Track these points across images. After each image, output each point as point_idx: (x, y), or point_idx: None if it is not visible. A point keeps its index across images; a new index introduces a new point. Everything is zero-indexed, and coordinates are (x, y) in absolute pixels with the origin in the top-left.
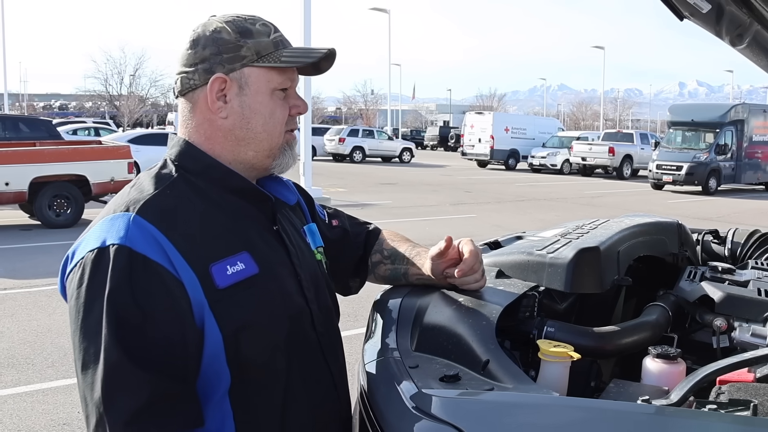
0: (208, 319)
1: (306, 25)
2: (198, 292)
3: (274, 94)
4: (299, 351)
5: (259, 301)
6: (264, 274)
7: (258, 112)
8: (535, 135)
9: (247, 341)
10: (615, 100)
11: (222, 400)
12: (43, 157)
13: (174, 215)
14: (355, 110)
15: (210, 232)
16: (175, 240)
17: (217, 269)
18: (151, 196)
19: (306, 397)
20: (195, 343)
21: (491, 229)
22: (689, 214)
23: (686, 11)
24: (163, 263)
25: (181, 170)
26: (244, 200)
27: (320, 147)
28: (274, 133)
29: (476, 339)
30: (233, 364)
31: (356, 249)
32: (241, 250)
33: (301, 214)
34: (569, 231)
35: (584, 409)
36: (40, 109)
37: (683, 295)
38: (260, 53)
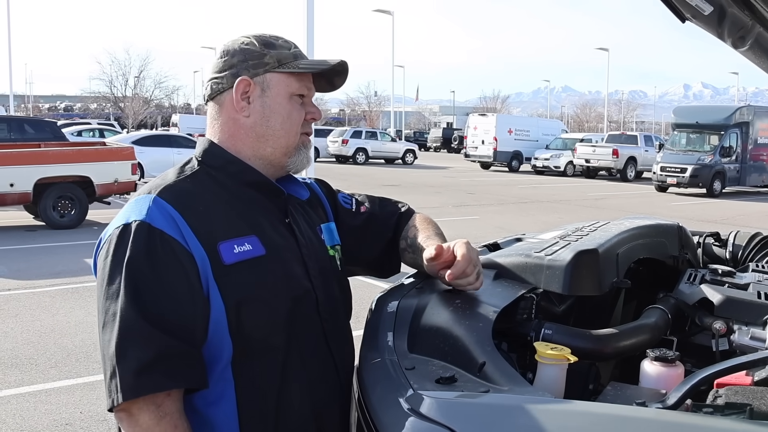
0: (213, 290)
1: (309, 27)
2: (206, 264)
3: (292, 98)
4: (300, 330)
5: (261, 279)
6: (270, 256)
7: (277, 112)
8: (538, 137)
9: (248, 314)
10: (619, 102)
11: (225, 369)
12: (48, 158)
13: (190, 198)
14: (359, 112)
15: (222, 215)
16: (189, 219)
17: (225, 247)
18: (172, 182)
19: (305, 376)
20: (202, 309)
21: (494, 230)
22: (693, 216)
23: (688, 13)
24: (177, 238)
25: (203, 165)
26: (259, 193)
27: (323, 148)
28: (291, 132)
29: (473, 341)
30: (235, 335)
31: (385, 231)
32: (250, 233)
33: (321, 213)
34: (568, 233)
35: (579, 412)
36: (46, 111)
37: (683, 297)
38: (281, 61)
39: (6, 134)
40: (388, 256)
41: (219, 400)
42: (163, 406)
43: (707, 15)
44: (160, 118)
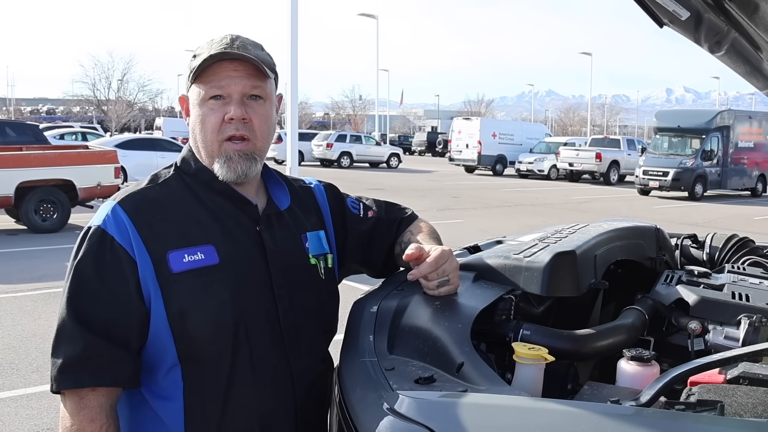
0: (156, 298)
1: (293, 31)
2: (150, 273)
3: (206, 104)
4: (251, 340)
5: (209, 287)
6: (223, 266)
7: (196, 122)
8: (522, 141)
9: (192, 321)
10: (602, 106)
11: (172, 371)
12: (30, 161)
13: (150, 206)
14: (343, 115)
15: (181, 223)
16: (141, 227)
17: (174, 256)
18: (139, 189)
19: (253, 385)
20: (139, 316)
21: (477, 234)
22: (675, 219)
23: (666, 18)
24: (125, 246)
25: (179, 171)
26: (228, 201)
27: (308, 152)
28: (207, 140)
29: (451, 341)
30: (179, 339)
31: (388, 236)
32: (206, 242)
33: (314, 220)
34: (548, 235)
35: (554, 410)
36: (28, 114)
37: (659, 298)
38: (194, 70)
39: None
40: (388, 260)
41: (168, 398)
42: (86, 399)
43: (684, 20)
44: (143, 121)
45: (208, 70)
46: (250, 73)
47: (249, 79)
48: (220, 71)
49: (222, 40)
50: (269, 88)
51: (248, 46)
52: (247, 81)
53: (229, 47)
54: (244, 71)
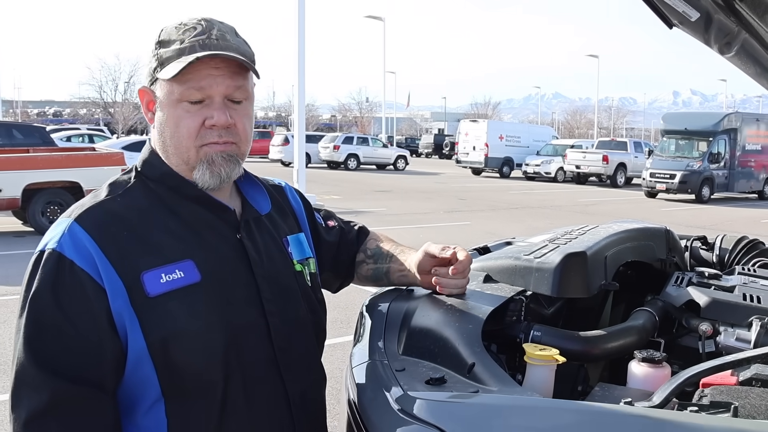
0: (132, 327)
1: (300, 33)
2: (122, 300)
3: (180, 106)
4: (244, 363)
5: (193, 310)
6: (207, 283)
7: (166, 125)
8: (529, 143)
9: (178, 349)
10: (609, 109)
11: (154, 407)
12: (37, 163)
13: (114, 221)
14: (350, 118)
15: (152, 238)
16: (106, 248)
17: (149, 277)
18: (98, 202)
19: (247, 416)
20: (113, 351)
21: (485, 236)
22: (682, 222)
23: (675, 19)
24: (89, 270)
25: (142, 176)
26: (203, 208)
27: (315, 154)
28: (181, 146)
29: (462, 342)
30: (163, 371)
31: (352, 246)
32: (183, 258)
33: (292, 222)
34: (557, 236)
35: (566, 411)
36: (34, 116)
37: (670, 300)
38: (163, 64)
39: None
40: (348, 272)
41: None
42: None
43: (694, 21)
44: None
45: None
46: (233, 71)
47: (232, 78)
48: (199, 69)
49: (195, 28)
50: (251, 86)
51: (227, 36)
52: (230, 81)
53: (207, 39)
54: (226, 69)
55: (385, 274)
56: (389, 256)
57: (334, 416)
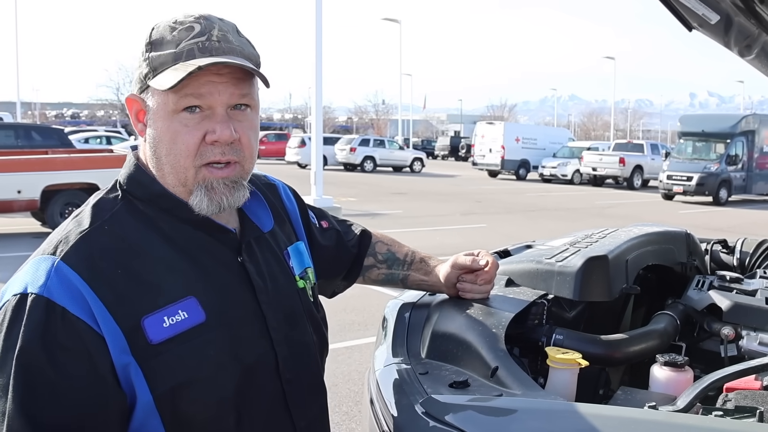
0: (137, 380)
1: (318, 36)
2: (123, 350)
3: (177, 116)
4: (254, 404)
5: (202, 354)
6: (212, 322)
7: (160, 138)
8: (545, 145)
9: (187, 398)
10: (625, 111)
11: None
12: (55, 165)
13: (104, 257)
14: (366, 120)
15: (148, 276)
16: (101, 291)
17: (151, 322)
18: (84, 234)
19: None
20: (118, 408)
21: (501, 238)
22: (700, 224)
23: (695, 22)
24: (84, 318)
25: (129, 196)
26: (200, 231)
27: (331, 156)
28: (178, 165)
29: (485, 346)
30: (172, 424)
31: (351, 249)
32: (185, 295)
33: (289, 230)
34: (578, 240)
35: (591, 415)
36: (52, 118)
37: (691, 303)
38: (156, 70)
39: (13, 141)
40: (348, 275)
41: None
42: None
43: (714, 24)
44: None
45: None
46: (237, 77)
47: (236, 86)
48: (198, 75)
49: (194, 28)
50: (256, 94)
51: (229, 36)
52: (234, 89)
53: (206, 41)
54: (230, 75)
55: (402, 281)
56: (406, 263)
57: (352, 418)
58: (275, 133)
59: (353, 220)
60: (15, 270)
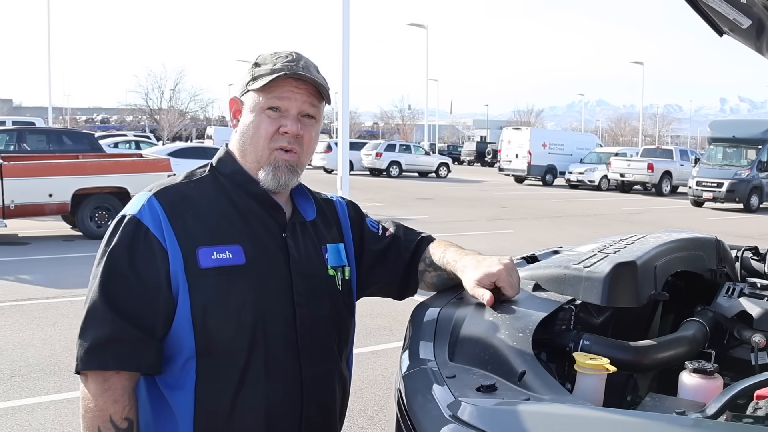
0: (183, 290)
1: (345, 41)
2: (179, 266)
3: (264, 112)
4: (267, 341)
5: (232, 286)
6: (249, 267)
7: (248, 127)
8: (572, 151)
9: (213, 317)
10: (654, 116)
11: (189, 361)
12: (86, 169)
13: (185, 202)
14: (392, 125)
15: (213, 222)
16: (174, 221)
17: (204, 252)
18: (174, 184)
19: (263, 385)
20: (166, 305)
21: (528, 244)
22: (730, 231)
23: (726, 27)
24: (159, 237)
25: (215, 171)
26: (260, 205)
27: (357, 161)
28: (258, 146)
29: (513, 350)
30: (199, 333)
31: (405, 253)
32: (235, 242)
33: (335, 233)
34: (606, 245)
35: (619, 421)
36: (83, 123)
37: (721, 310)
38: (256, 78)
39: (45, 146)
40: (406, 278)
41: (180, 388)
42: (110, 381)
43: (745, 29)
44: (195, 130)
45: (271, 82)
46: (310, 92)
47: (308, 98)
48: (283, 85)
49: (287, 56)
50: (321, 111)
51: (311, 68)
52: (306, 99)
53: (295, 66)
54: (305, 90)
55: (450, 281)
56: (442, 267)
57: (377, 422)
58: None
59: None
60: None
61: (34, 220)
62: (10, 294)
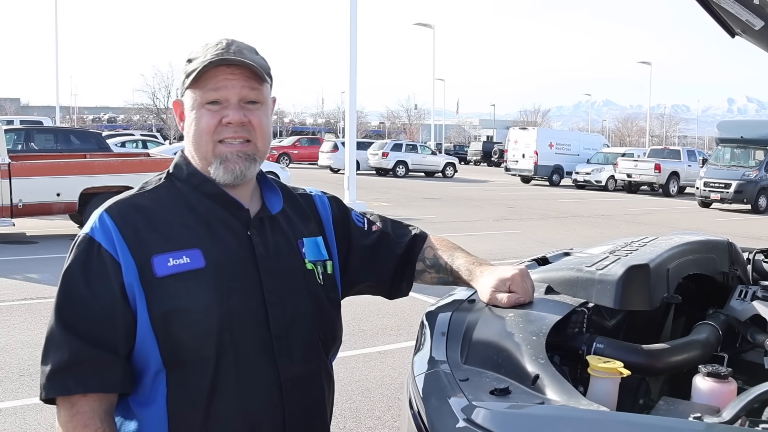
0: (140, 302)
1: (352, 41)
2: (134, 277)
3: (203, 107)
4: (237, 345)
5: (192, 292)
6: (209, 270)
7: (191, 126)
8: (579, 151)
9: (176, 326)
10: (661, 116)
11: (158, 374)
12: (93, 168)
13: (137, 212)
14: (399, 125)
15: (168, 227)
16: (126, 233)
17: (159, 260)
18: (127, 196)
19: (236, 392)
20: (125, 319)
21: (535, 245)
22: (738, 232)
23: (738, 28)
24: (110, 250)
25: (171, 177)
26: (220, 205)
27: (363, 161)
28: (201, 141)
29: (526, 353)
30: (164, 344)
31: (396, 250)
32: (193, 246)
33: (312, 226)
34: (618, 248)
35: (636, 425)
36: (90, 122)
37: (734, 314)
38: (189, 75)
39: (53, 145)
40: (398, 277)
41: (151, 404)
42: (77, 405)
43: (758, 30)
44: None
45: (204, 75)
46: (247, 76)
47: (247, 82)
48: (216, 75)
49: (217, 45)
50: (266, 93)
51: (244, 51)
52: (244, 83)
53: (225, 52)
54: (241, 75)
55: (453, 284)
56: (448, 271)
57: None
58: (308, 138)
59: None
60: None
61: (41, 219)
62: (18, 293)
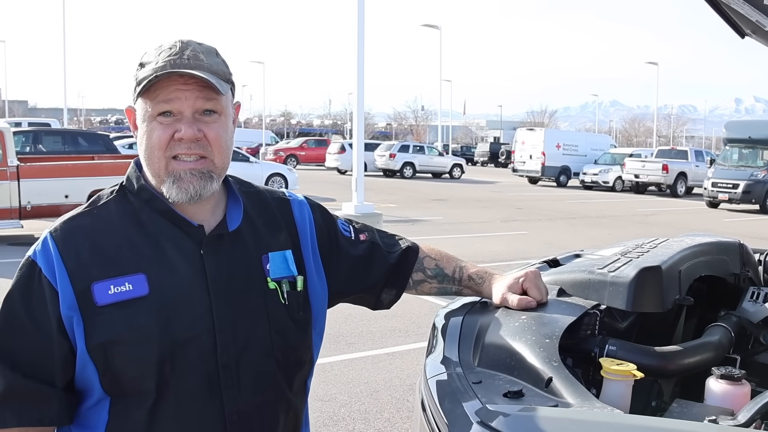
0: (78, 331)
1: (360, 43)
2: (71, 305)
3: (155, 120)
4: (178, 377)
5: (133, 321)
6: (153, 297)
7: (142, 138)
8: (586, 152)
9: (115, 356)
10: (669, 117)
11: (99, 403)
12: (101, 170)
13: (81, 234)
14: (406, 126)
15: (110, 252)
16: (67, 258)
17: (99, 288)
18: (73, 216)
19: (175, 427)
20: (61, 351)
21: (543, 246)
22: (746, 233)
23: (748, 29)
24: (50, 277)
25: (124, 190)
26: (171, 222)
27: (371, 162)
28: (152, 157)
29: (539, 356)
30: (104, 374)
31: (387, 261)
32: (136, 271)
33: (282, 238)
34: (629, 250)
35: (650, 428)
36: (97, 124)
37: (747, 316)
38: (141, 83)
39: (61, 147)
40: (388, 288)
41: (91, 430)
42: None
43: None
44: None
45: (155, 85)
46: (202, 85)
47: (201, 92)
48: (168, 85)
49: (171, 48)
50: (224, 101)
51: (200, 55)
52: (199, 94)
53: (178, 59)
54: (195, 84)
55: (455, 293)
56: (455, 280)
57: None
58: (315, 139)
59: (400, 233)
60: None
61: (50, 221)
62: None
